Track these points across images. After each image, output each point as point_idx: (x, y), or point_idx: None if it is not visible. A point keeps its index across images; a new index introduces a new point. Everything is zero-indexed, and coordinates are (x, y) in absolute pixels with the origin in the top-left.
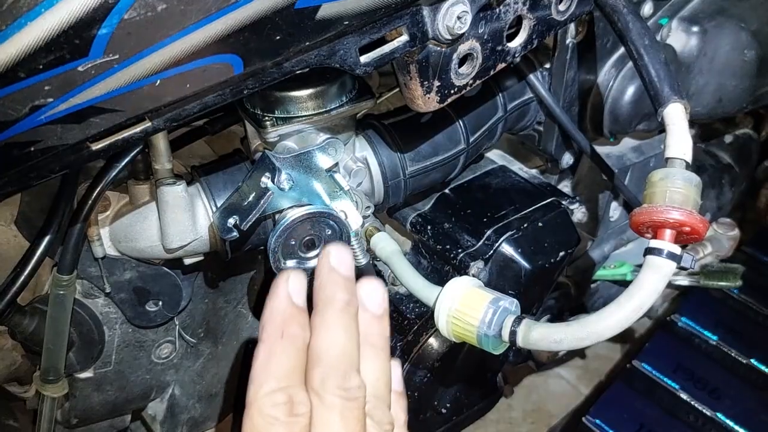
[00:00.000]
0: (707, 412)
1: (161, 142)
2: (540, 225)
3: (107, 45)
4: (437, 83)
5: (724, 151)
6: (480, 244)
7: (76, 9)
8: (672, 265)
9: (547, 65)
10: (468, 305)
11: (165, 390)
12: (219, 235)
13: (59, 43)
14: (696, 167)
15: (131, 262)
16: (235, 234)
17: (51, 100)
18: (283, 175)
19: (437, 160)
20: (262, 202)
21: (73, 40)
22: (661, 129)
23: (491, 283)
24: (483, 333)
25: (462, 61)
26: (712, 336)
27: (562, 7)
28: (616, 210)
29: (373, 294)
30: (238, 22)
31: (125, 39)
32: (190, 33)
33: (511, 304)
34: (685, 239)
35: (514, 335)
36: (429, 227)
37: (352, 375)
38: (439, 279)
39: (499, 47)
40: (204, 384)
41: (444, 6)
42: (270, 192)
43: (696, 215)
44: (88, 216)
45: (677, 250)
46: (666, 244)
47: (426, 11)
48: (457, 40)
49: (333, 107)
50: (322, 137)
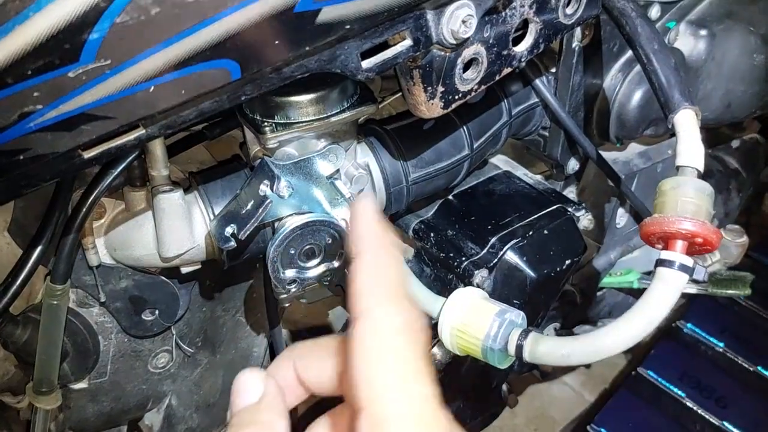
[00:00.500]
0: (714, 420)
1: (158, 148)
2: (545, 232)
3: (98, 50)
4: (441, 89)
5: (731, 156)
6: (484, 252)
7: (66, 13)
8: (684, 278)
9: (553, 69)
10: (473, 318)
11: (162, 400)
12: (216, 245)
13: (48, 48)
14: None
15: (127, 270)
16: (233, 243)
17: (40, 107)
18: (283, 183)
19: (441, 166)
20: (260, 210)
21: (63, 44)
22: (670, 134)
23: (496, 292)
24: (488, 347)
25: (467, 66)
26: (718, 343)
27: (569, 11)
28: (622, 217)
29: None
30: (234, 26)
31: (117, 44)
32: (185, 38)
33: (518, 316)
34: (697, 250)
35: (520, 349)
36: (432, 234)
37: None
38: (442, 287)
39: (505, 51)
40: (202, 394)
41: (448, 10)
42: (268, 200)
43: (709, 226)
44: (82, 224)
45: (689, 261)
46: (678, 255)
47: (430, 15)
48: (462, 44)
49: (334, 113)
50: (322, 143)
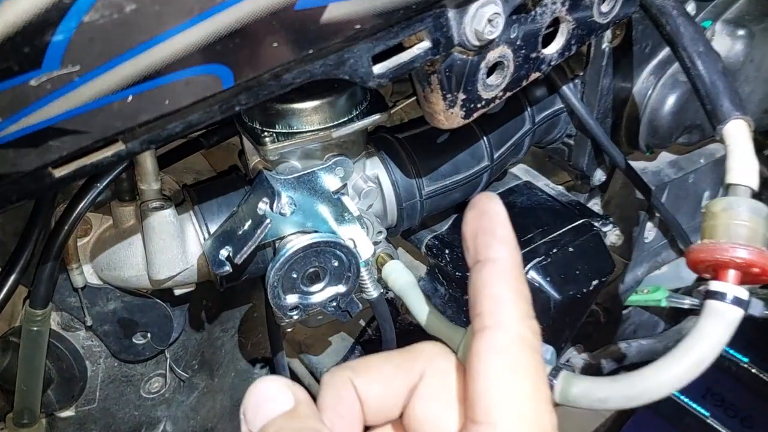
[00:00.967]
0: None
1: (148, 160)
2: (570, 250)
3: (65, 54)
4: (462, 96)
5: (764, 165)
6: None
7: (23, 10)
8: (738, 313)
9: (580, 72)
10: None
11: (156, 426)
12: (211, 269)
13: (4, 52)
14: None
15: (115, 291)
16: (228, 268)
17: None
18: (284, 199)
19: (458, 178)
20: (258, 231)
21: (22, 48)
22: (703, 142)
23: None
24: None
25: (490, 71)
26: (742, 358)
27: (604, 8)
28: (651, 231)
29: None
30: (226, 26)
31: (87, 46)
32: (167, 39)
33: (546, 351)
34: (753, 280)
35: (550, 390)
36: (447, 251)
37: None
38: (458, 308)
39: (534, 54)
40: (199, 419)
41: (472, 7)
42: (268, 221)
43: (766, 253)
44: (65, 241)
45: (744, 294)
46: (730, 287)
47: (451, 13)
48: (486, 46)
49: (341, 121)
50: (328, 155)
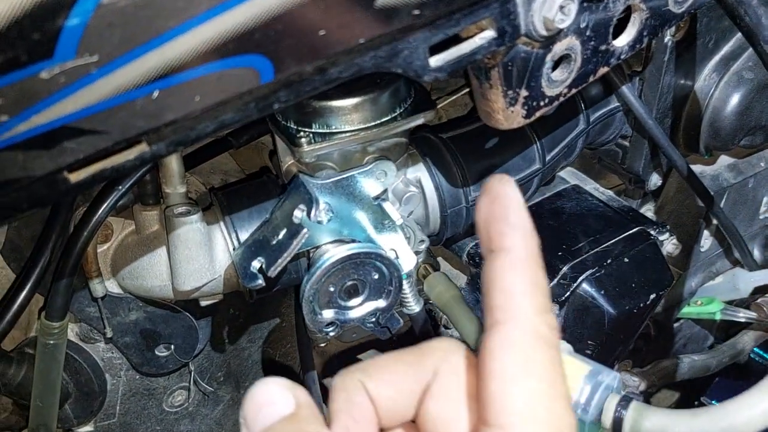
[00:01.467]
0: None
1: (173, 161)
2: (626, 260)
3: (81, 41)
4: (524, 93)
5: None
6: (554, 283)
7: None
8: None
9: (638, 68)
10: None
11: None
12: (241, 282)
13: (11, 40)
14: None
15: (137, 301)
16: (261, 282)
17: (5, 118)
18: (322, 206)
19: None
20: (294, 242)
21: (31, 34)
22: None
23: (567, 331)
24: (578, 418)
25: (556, 65)
26: None
27: None
28: (707, 239)
29: None
30: (266, 10)
31: (106, 33)
32: (199, 25)
33: (613, 379)
34: None
35: (619, 423)
36: None
37: None
38: None
39: (603, 46)
40: None
41: None
42: (305, 230)
43: None
44: (84, 248)
45: None
46: None
47: (519, 0)
48: (554, 37)
49: (384, 120)
50: (369, 158)
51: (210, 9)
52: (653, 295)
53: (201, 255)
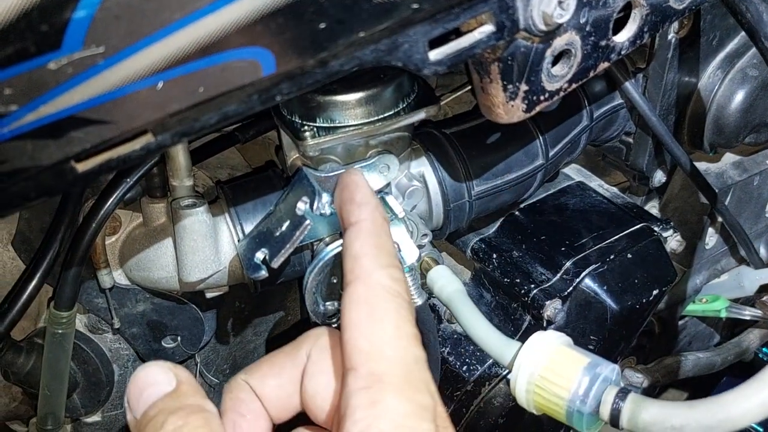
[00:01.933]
0: None
1: (180, 154)
2: (629, 256)
3: (88, 33)
4: (524, 87)
5: None
6: (557, 278)
7: None
8: None
9: (642, 65)
10: (556, 371)
11: None
12: (245, 273)
13: (20, 31)
14: None
15: (144, 292)
16: (264, 273)
17: (14, 108)
18: (325, 199)
19: (510, 178)
20: (297, 233)
21: (39, 26)
22: None
23: (569, 326)
24: (576, 409)
25: (556, 60)
26: None
27: None
28: (712, 236)
29: None
30: (269, 3)
31: (113, 25)
32: (203, 17)
33: (612, 371)
34: None
35: (617, 415)
36: (494, 255)
37: None
38: (505, 317)
39: (603, 42)
40: None
41: None
42: (307, 222)
43: None
44: (92, 239)
45: None
46: None
47: None
48: (554, 32)
49: (387, 115)
50: (372, 151)
51: (213, 2)
52: (656, 291)
53: (206, 246)
